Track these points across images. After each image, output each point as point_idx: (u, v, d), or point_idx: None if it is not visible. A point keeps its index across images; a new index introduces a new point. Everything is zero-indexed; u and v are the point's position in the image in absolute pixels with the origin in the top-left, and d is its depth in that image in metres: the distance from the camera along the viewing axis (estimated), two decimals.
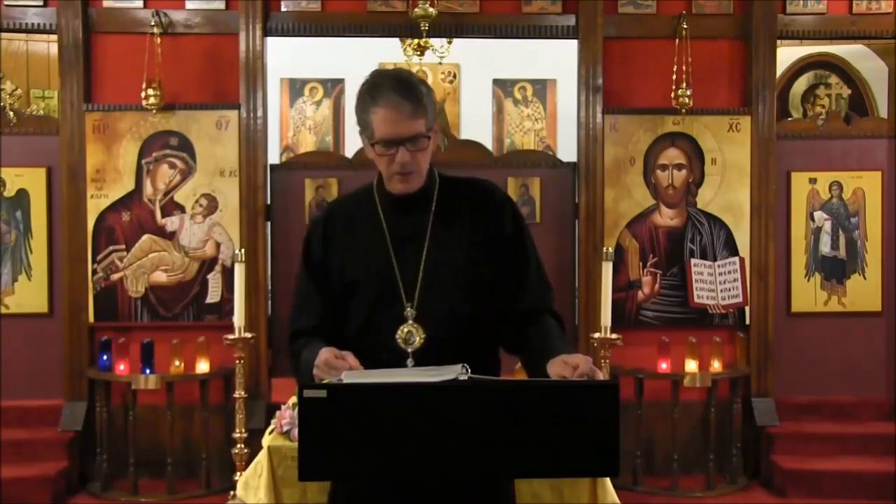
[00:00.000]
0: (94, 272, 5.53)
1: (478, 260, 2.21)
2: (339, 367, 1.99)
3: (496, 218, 2.25)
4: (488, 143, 7.51)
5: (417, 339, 2.16)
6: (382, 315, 2.18)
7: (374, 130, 2.13)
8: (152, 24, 5.46)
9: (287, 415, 3.72)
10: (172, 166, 5.58)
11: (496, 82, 8.05)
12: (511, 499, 2.30)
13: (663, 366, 5.46)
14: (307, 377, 2.10)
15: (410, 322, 2.17)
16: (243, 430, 4.68)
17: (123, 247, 5.55)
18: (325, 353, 2.04)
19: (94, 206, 5.53)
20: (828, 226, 5.87)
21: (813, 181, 5.86)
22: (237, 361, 4.68)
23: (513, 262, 2.26)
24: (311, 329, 2.25)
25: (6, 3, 5.55)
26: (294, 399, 3.47)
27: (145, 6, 5.59)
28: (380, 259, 2.21)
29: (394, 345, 2.16)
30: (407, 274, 2.19)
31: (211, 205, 5.58)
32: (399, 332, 2.17)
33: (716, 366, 5.50)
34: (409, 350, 2.16)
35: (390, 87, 2.11)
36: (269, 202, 5.69)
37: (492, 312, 2.23)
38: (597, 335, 4.67)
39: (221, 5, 5.62)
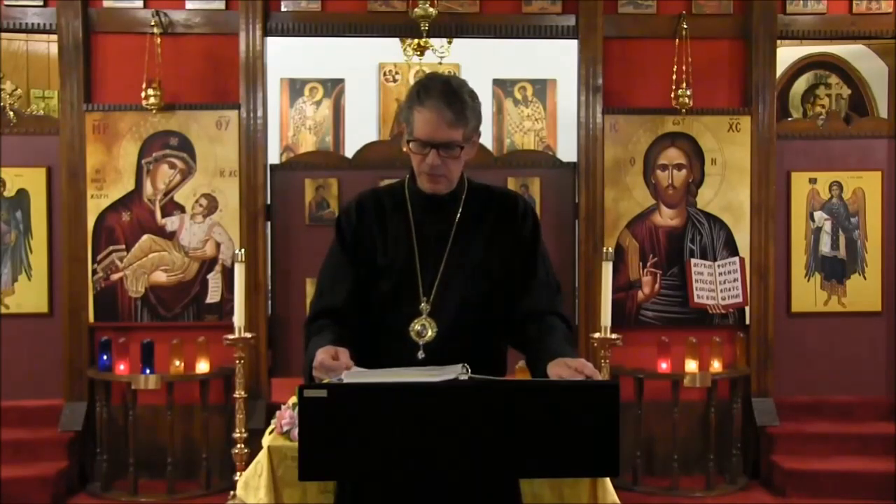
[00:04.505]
0: (94, 272, 5.53)
1: (495, 264, 2.30)
2: (334, 367, 2.01)
3: (517, 226, 2.34)
4: (488, 143, 7.51)
5: (430, 332, 2.24)
6: (399, 307, 2.26)
7: (413, 128, 2.22)
8: (152, 24, 5.46)
9: (287, 415, 3.72)
10: (172, 166, 5.58)
11: (496, 82, 8.04)
12: (517, 499, 2.32)
13: (663, 366, 5.46)
14: (307, 375, 2.12)
15: (424, 316, 2.25)
16: (243, 430, 4.68)
17: (123, 247, 5.55)
18: (321, 355, 2.05)
19: (94, 206, 5.53)
20: (828, 226, 5.86)
21: (813, 181, 5.86)
22: (237, 361, 4.67)
23: (524, 265, 2.32)
24: (334, 310, 2.28)
25: (6, 3, 5.55)
26: (294, 399, 3.47)
27: (145, 6, 5.59)
28: (403, 253, 2.29)
29: (407, 336, 2.24)
30: (427, 271, 2.27)
31: (211, 205, 5.58)
32: (413, 324, 2.25)
33: (716, 366, 5.50)
34: (421, 343, 2.24)
35: (438, 91, 2.20)
36: (269, 202, 5.69)
37: (501, 313, 2.31)
38: (597, 335, 4.67)
39: (221, 5, 5.62)
